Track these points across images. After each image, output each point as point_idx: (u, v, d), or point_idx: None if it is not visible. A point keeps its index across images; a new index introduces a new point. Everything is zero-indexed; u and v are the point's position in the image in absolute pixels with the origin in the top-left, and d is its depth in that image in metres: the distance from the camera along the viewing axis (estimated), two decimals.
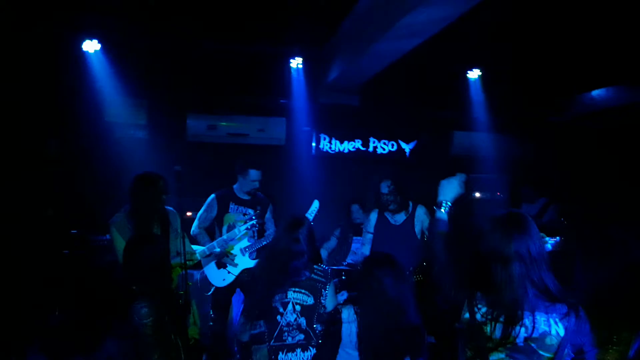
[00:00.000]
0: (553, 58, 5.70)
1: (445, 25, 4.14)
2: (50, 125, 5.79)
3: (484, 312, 1.82)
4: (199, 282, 4.33)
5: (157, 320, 2.32)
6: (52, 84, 5.50)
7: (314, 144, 6.79)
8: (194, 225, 4.35)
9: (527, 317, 1.75)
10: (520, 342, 1.74)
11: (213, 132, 6.35)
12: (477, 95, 6.54)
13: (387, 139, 6.94)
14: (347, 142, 6.88)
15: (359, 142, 6.90)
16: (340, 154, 6.87)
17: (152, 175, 3.44)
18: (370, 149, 6.92)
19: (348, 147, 6.89)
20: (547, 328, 1.73)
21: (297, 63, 6.14)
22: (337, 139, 6.84)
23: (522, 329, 1.74)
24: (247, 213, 4.33)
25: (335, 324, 2.46)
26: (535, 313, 1.75)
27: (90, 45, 5.53)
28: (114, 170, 5.24)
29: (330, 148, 6.85)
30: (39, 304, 3.83)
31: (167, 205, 3.59)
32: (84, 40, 5.50)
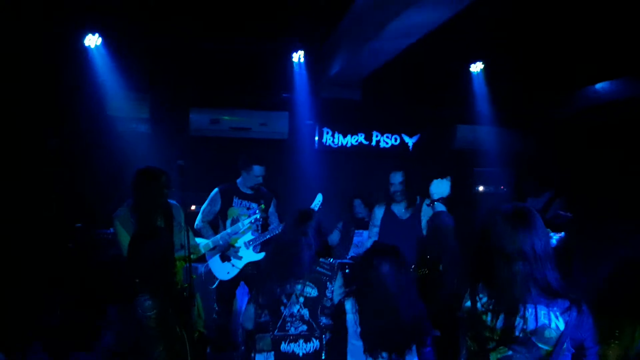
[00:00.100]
0: (556, 50, 5.66)
1: (442, 23, 4.13)
2: (53, 120, 5.78)
3: (485, 302, 1.82)
4: (203, 275, 4.34)
5: (160, 313, 2.33)
6: (54, 79, 5.49)
7: (317, 138, 6.77)
8: (198, 219, 4.36)
9: (527, 309, 1.74)
10: (519, 333, 1.74)
11: (216, 126, 6.34)
12: (480, 89, 6.50)
13: (390, 133, 6.92)
14: (349, 136, 6.86)
15: (362, 135, 6.88)
16: (343, 148, 6.86)
17: (154, 170, 3.45)
18: (373, 143, 6.91)
19: (351, 141, 6.87)
20: (546, 321, 1.73)
21: (298, 57, 6.12)
22: (339, 133, 6.83)
23: (521, 321, 1.74)
24: (250, 207, 4.34)
25: (341, 316, 2.47)
26: (537, 306, 1.74)
27: (92, 40, 5.52)
28: (117, 164, 5.25)
29: (333, 142, 6.84)
30: (43, 298, 3.85)
31: (170, 199, 3.60)
32: (86, 35, 5.49)
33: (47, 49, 5.29)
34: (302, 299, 2.63)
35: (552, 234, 3.34)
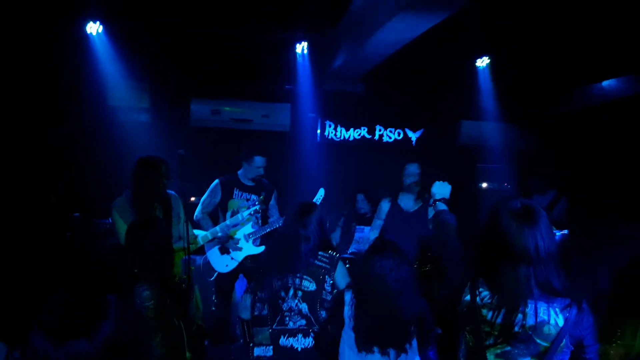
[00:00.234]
0: (563, 47, 5.60)
1: (447, 17, 4.09)
2: (53, 109, 5.74)
3: (485, 296, 1.81)
4: (202, 267, 4.31)
5: (158, 304, 2.30)
6: (55, 66, 5.44)
7: (319, 131, 6.72)
8: (197, 211, 4.32)
9: (527, 305, 1.73)
10: (518, 329, 1.72)
11: (217, 117, 6.29)
12: (485, 84, 6.44)
13: (393, 127, 6.88)
14: (352, 129, 6.82)
15: (365, 129, 6.83)
16: (345, 142, 6.81)
17: (154, 159, 3.41)
18: (376, 137, 6.86)
19: (353, 134, 6.82)
20: (545, 317, 1.71)
21: (302, 48, 6.06)
22: (342, 126, 6.78)
23: (520, 316, 1.72)
24: (251, 199, 4.29)
25: (340, 309, 2.45)
26: (537, 302, 1.72)
27: (94, 28, 5.47)
28: (117, 154, 5.20)
29: (335, 135, 6.79)
30: (41, 287, 3.82)
31: (169, 190, 3.56)
32: (87, 23, 5.44)
33: (48, 36, 5.24)
34: (300, 293, 2.62)
35: (555, 231, 3.32)
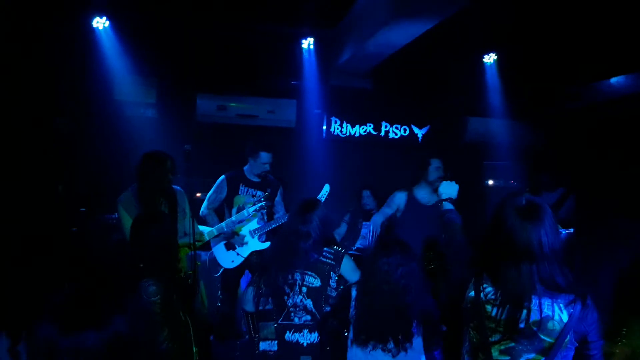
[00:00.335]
0: (570, 43, 5.54)
1: (456, 12, 4.06)
2: (60, 103, 5.75)
3: (489, 292, 1.81)
4: (208, 263, 4.31)
5: (165, 299, 2.30)
6: (61, 60, 5.44)
7: (325, 127, 6.70)
8: (203, 206, 4.32)
9: (531, 301, 1.72)
10: (522, 325, 1.72)
11: (223, 112, 6.27)
12: (492, 80, 6.39)
13: (399, 124, 6.84)
14: (358, 125, 6.78)
15: (371, 126, 6.80)
16: (351, 138, 6.78)
17: (160, 154, 3.41)
18: (382, 134, 6.83)
19: (359, 131, 6.79)
20: (550, 312, 1.71)
21: (308, 43, 6.03)
22: (348, 123, 6.75)
23: (525, 312, 1.72)
24: (256, 195, 4.29)
25: (346, 303, 2.46)
26: (541, 298, 1.72)
27: (100, 22, 5.47)
28: (123, 149, 5.21)
29: (341, 132, 6.76)
30: (48, 280, 3.83)
31: (175, 185, 3.56)
32: (94, 17, 5.45)
33: (55, 30, 5.24)
34: (304, 289, 2.63)
35: (560, 230, 3.30)
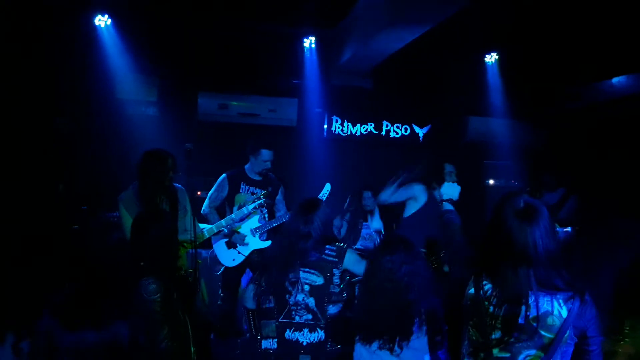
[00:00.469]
0: (571, 43, 5.53)
1: (455, 12, 4.07)
2: (62, 101, 5.76)
3: (488, 289, 1.82)
4: (209, 261, 4.31)
5: (165, 297, 2.30)
6: (63, 58, 5.45)
7: (326, 126, 6.70)
8: (205, 205, 4.32)
9: (530, 297, 1.74)
10: (522, 321, 1.73)
11: (224, 111, 6.28)
12: (494, 80, 6.39)
13: (400, 123, 6.84)
14: (359, 125, 6.79)
15: (372, 125, 6.80)
16: (352, 137, 6.79)
17: (161, 152, 3.41)
18: (383, 133, 6.83)
19: (360, 130, 6.80)
20: (549, 308, 1.72)
21: (309, 43, 6.04)
22: (349, 122, 6.75)
23: (524, 308, 1.73)
24: (256, 193, 4.29)
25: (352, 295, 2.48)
26: (539, 295, 1.74)
27: (102, 20, 5.48)
28: (125, 147, 5.21)
29: (342, 131, 6.77)
30: (49, 279, 3.85)
31: (176, 183, 3.56)
32: (95, 15, 5.45)
33: (57, 28, 5.25)
34: (307, 288, 2.63)
35: (560, 229, 3.30)
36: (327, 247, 2.69)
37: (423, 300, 2.30)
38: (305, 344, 2.64)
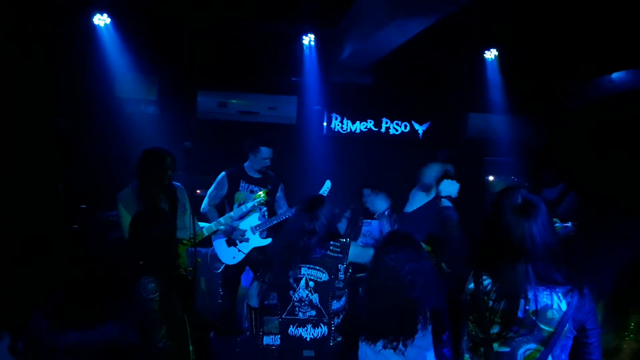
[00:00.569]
0: (571, 38, 5.51)
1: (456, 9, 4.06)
2: (61, 101, 5.77)
3: (487, 284, 1.84)
4: (209, 259, 4.32)
5: (163, 296, 2.31)
6: (62, 57, 5.45)
7: (325, 124, 6.70)
8: (204, 203, 4.32)
9: (529, 291, 1.75)
10: (522, 314, 1.74)
11: (223, 109, 6.29)
12: (493, 76, 6.38)
13: (400, 120, 6.84)
14: (359, 122, 6.79)
15: (371, 122, 6.80)
16: (352, 134, 6.79)
17: (160, 151, 3.41)
18: (383, 130, 6.83)
19: (360, 127, 6.80)
20: (549, 301, 1.74)
21: (309, 40, 6.03)
22: (348, 119, 6.75)
23: (523, 302, 1.74)
24: (255, 191, 4.29)
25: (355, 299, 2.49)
26: (538, 289, 1.75)
27: (101, 20, 5.47)
28: (124, 146, 5.22)
29: (342, 128, 6.76)
30: (48, 279, 3.85)
31: (175, 182, 3.56)
32: (95, 14, 5.45)
33: (56, 27, 5.25)
34: (312, 284, 2.65)
35: (560, 224, 3.30)
36: (331, 243, 2.71)
37: (427, 299, 2.30)
38: (309, 340, 2.64)
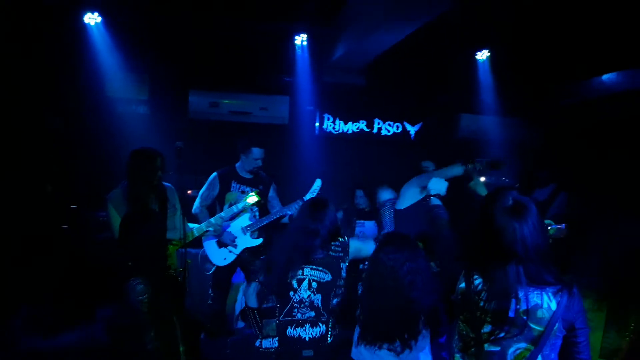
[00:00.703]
0: (562, 40, 5.55)
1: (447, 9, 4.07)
2: (52, 100, 5.71)
3: (478, 284, 1.85)
4: (199, 260, 4.30)
5: (152, 298, 2.29)
6: (52, 56, 5.40)
7: (317, 124, 6.69)
8: (196, 204, 4.30)
9: (519, 291, 1.76)
10: (512, 314, 1.76)
11: (215, 109, 6.25)
12: (485, 77, 6.41)
13: (392, 121, 6.85)
14: (351, 122, 6.79)
15: (364, 123, 6.80)
16: (344, 135, 6.79)
17: (150, 151, 3.39)
18: (375, 130, 6.83)
19: (352, 127, 6.79)
20: (539, 301, 1.76)
21: (301, 40, 6.01)
22: (341, 119, 6.75)
23: (513, 301, 1.76)
24: (246, 192, 4.28)
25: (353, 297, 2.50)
26: (529, 289, 1.77)
27: (92, 18, 5.43)
28: (115, 146, 5.17)
29: (334, 128, 6.76)
30: (36, 279, 3.82)
31: (165, 182, 3.54)
32: (85, 13, 5.40)
33: (46, 26, 5.21)
34: (315, 285, 2.66)
35: (553, 225, 3.31)
36: (332, 243, 2.73)
37: (425, 298, 2.31)
38: (308, 340, 2.65)
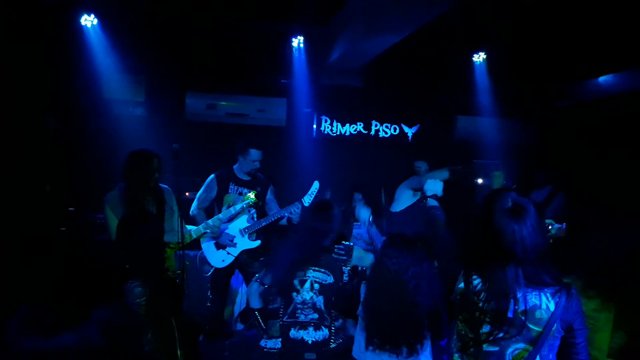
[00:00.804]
0: (559, 42, 5.58)
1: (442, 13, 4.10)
2: (48, 101, 5.70)
3: (477, 284, 1.85)
4: (198, 262, 4.28)
5: (150, 301, 2.28)
6: (49, 58, 5.39)
7: (315, 126, 6.70)
8: (193, 206, 4.29)
9: (518, 292, 1.77)
10: (511, 314, 1.76)
11: (212, 111, 6.24)
12: (481, 79, 6.43)
13: (389, 123, 6.86)
14: (348, 124, 6.79)
15: (361, 125, 6.81)
16: (342, 137, 6.78)
17: (146, 152, 3.38)
18: (372, 132, 6.84)
19: (349, 129, 6.80)
20: (537, 302, 1.76)
21: (298, 42, 6.02)
22: (338, 121, 6.75)
23: (512, 302, 1.76)
24: (243, 193, 4.28)
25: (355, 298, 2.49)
26: (527, 289, 1.77)
27: (88, 20, 5.42)
28: (112, 147, 5.16)
29: (331, 130, 6.76)
30: (32, 280, 3.79)
31: (162, 184, 3.53)
32: (82, 15, 5.39)
33: (42, 27, 5.19)
34: (317, 286, 2.66)
35: (555, 225, 3.31)
36: (336, 246, 2.74)
37: (429, 300, 2.31)
38: (311, 342, 2.65)
